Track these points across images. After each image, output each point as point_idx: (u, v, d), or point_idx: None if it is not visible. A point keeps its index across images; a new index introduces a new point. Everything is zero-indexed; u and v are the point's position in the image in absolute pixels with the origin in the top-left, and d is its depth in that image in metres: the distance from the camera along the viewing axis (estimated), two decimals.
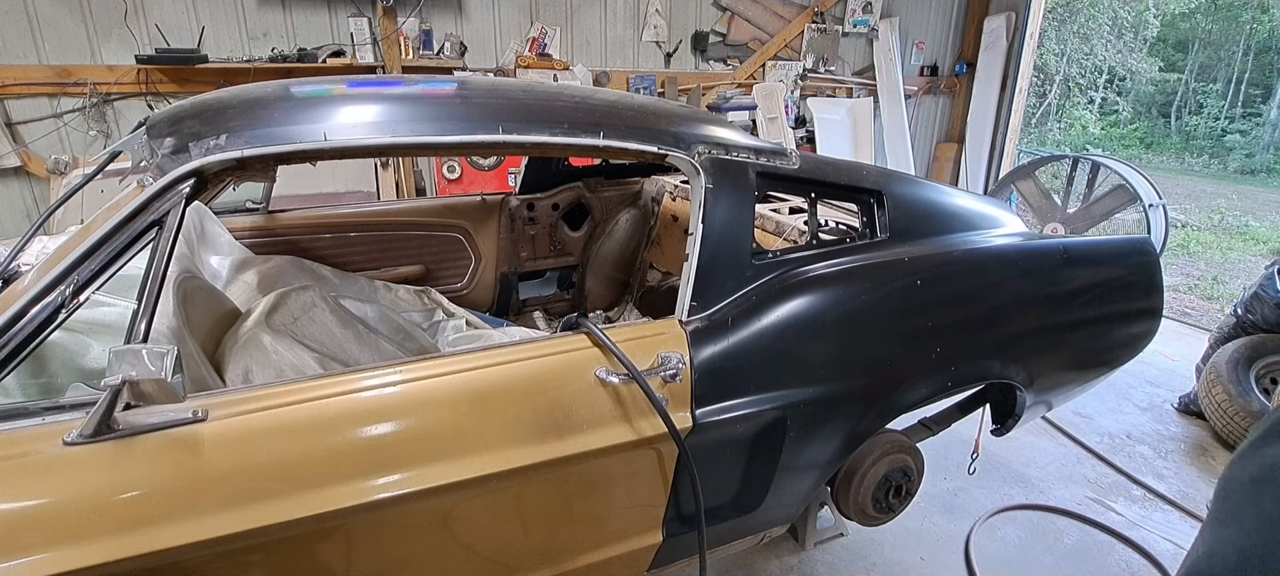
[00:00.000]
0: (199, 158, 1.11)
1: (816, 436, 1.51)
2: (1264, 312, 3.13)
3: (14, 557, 0.92)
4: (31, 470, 0.96)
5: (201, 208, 2.03)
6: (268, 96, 1.27)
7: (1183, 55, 17.45)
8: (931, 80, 6.30)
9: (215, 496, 1.02)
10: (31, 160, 3.61)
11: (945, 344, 1.61)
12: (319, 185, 3.88)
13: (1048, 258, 1.81)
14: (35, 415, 1.01)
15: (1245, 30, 16.31)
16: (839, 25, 5.68)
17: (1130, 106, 17.23)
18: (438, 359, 1.25)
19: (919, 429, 2.08)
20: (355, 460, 1.11)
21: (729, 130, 1.57)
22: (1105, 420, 3.18)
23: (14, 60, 3.49)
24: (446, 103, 1.36)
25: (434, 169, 4.39)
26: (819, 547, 2.25)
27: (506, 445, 1.20)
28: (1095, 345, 1.93)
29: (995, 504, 2.50)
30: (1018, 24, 5.95)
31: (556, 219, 2.71)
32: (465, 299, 2.56)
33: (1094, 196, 4.69)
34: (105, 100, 3.71)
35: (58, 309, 1.01)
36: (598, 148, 1.38)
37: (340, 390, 1.15)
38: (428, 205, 2.56)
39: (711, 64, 5.35)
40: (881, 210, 1.71)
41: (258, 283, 1.95)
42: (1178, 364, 3.79)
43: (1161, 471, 2.80)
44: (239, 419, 1.07)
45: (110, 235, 1.05)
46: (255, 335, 1.52)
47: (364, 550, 1.19)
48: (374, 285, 2.29)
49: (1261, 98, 15.83)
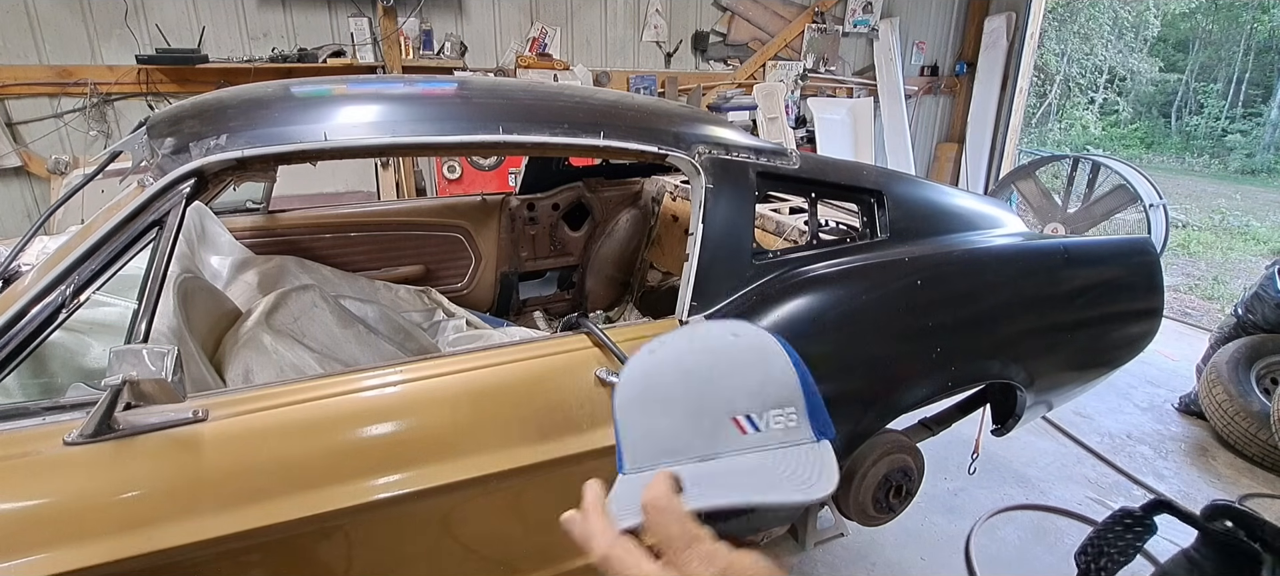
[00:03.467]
0: (199, 158, 1.11)
1: None
2: (1264, 313, 3.13)
3: (14, 557, 0.92)
4: (32, 470, 0.96)
5: (201, 208, 2.03)
6: (268, 96, 1.27)
7: (1183, 55, 17.44)
8: (932, 80, 6.30)
9: (215, 496, 1.02)
10: (32, 160, 3.61)
11: (945, 344, 1.60)
12: (319, 185, 3.88)
13: (1048, 257, 1.81)
14: (35, 415, 1.01)
15: (1245, 30, 16.29)
16: (839, 25, 5.68)
17: (1130, 106, 17.22)
18: (438, 359, 1.25)
19: (919, 429, 2.08)
20: (355, 460, 1.11)
21: (729, 130, 1.57)
22: (1105, 420, 3.18)
23: (14, 60, 3.49)
24: (446, 103, 1.36)
25: (434, 169, 4.39)
26: (819, 547, 2.25)
27: (506, 445, 1.20)
28: (1096, 345, 1.93)
29: (995, 504, 2.50)
30: (1018, 24, 5.94)
31: (557, 219, 2.71)
32: (465, 299, 2.56)
33: (1094, 196, 4.68)
34: (105, 100, 3.71)
35: (58, 309, 1.01)
36: (598, 148, 1.38)
37: (340, 390, 1.15)
38: (428, 205, 2.56)
39: (712, 64, 5.35)
40: (882, 210, 1.71)
41: (258, 282, 1.95)
42: (1178, 364, 3.79)
43: (1162, 471, 2.80)
44: (239, 419, 1.07)
45: (110, 235, 1.05)
46: (256, 335, 1.52)
47: (364, 550, 1.19)
48: (374, 285, 2.29)
49: (1262, 98, 15.82)
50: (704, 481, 0.52)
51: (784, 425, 0.55)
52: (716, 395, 0.56)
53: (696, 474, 0.53)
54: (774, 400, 0.56)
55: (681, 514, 0.47)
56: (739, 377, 0.56)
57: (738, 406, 0.55)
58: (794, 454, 0.54)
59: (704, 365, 0.57)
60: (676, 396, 0.56)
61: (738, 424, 0.55)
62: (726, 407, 0.55)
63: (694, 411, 0.56)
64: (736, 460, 0.54)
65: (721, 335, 0.60)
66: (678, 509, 0.48)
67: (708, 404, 0.56)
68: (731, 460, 0.54)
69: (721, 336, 0.59)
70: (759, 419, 0.55)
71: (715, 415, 0.55)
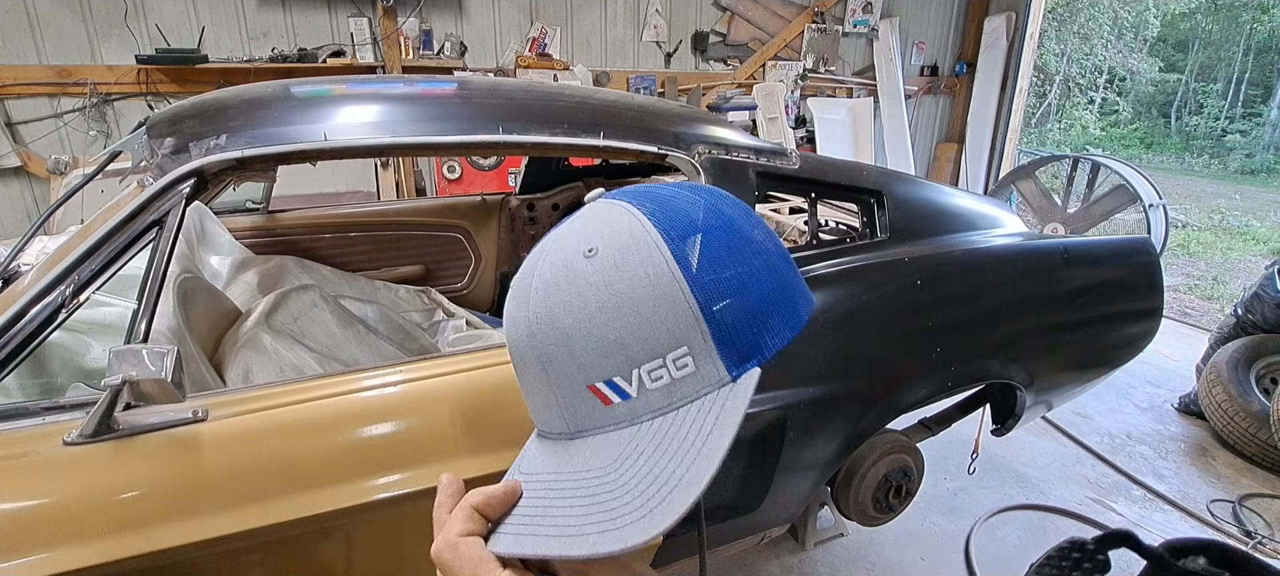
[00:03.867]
0: (199, 158, 1.11)
1: (816, 436, 1.51)
2: (1264, 313, 3.13)
3: (14, 557, 0.92)
4: (31, 470, 0.96)
5: (201, 208, 2.03)
6: (268, 96, 1.27)
7: (1183, 55, 17.45)
8: (931, 80, 6.30)
9: (215, 496, 1.02)
10: (31, 160, 3.61)
11: (945, 344, 1.60)
12: (319, 185, 3.88)
13: (1048, 257, 1.81)
14: (35, 415, 1.01)
15: (1245, 30, 16.30)
16: (839, 25, 5.68)
17: (1130, 106, 17.23)
18: (438, 359, 1.25)
19: (919, 429, 2.08)
20: (355, 460, 1.11)
21: (729, 130, 1.57)
22: (1105, 420, 3.18)
23: (14, 60, 3.49)
24: (446, 103, 1.36)
25: (434, 169, 4.39)
26: (819, 547, 2.25)
27: (507, 445, 1.20)
28: (1095, 345, 1.93)
29: (995, 504, 2.50)
30: (1018, 24, 5.95)
31: (556, 219, 2.71)
32: (465, 299, 2.56)
33: (1094, 196, 4.68)
34: (105, 100, 3.71)
35: (58, 309, 1.01)
36: (598, 148, 1.38)
37: (340, 390, 1.15)
38: (428, 205, 2.56)
39: (711, 64, 5.35)
40: (881, 210, 1.71)
41: (258, 282, 1.95)
42: (1178, 364, 3.79)
43: (1161, 471, 2.80)
44: (239, 419, 1.07)
45: (110, 235, 1.05)
46: (255, 335, 1.52)
47: (364, 550, 1.19)
48: (374, 285, 2.29)
49: (1261, 98, 15.82)
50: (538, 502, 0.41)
51: (668, 378, 0.40)
52: (567, 357, 0.41)
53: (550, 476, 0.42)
54: (648, 347, 0.39)
55: (474, 562, 0.39)
56: (597, 326, 0.40)
57: (593, 370, 0.40)
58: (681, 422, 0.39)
59: (550, 318, 0.41)
60: (529, 360, 0.43)
61: (598, 394, 0.41)
62: (578, 373, 0.41)
63: (544, 379, 0.42)
64: (598, 446, 0.41)
65: (569, 259, 0.42)
66: (468, 558, 0.39)
67: (557, 371, 0.41)
68: (591, 447, 0.41)
69: (569, 262, 0.42)
70: (627, 381, 0.40)
71: (568, 385, 0.41)
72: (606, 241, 0.41)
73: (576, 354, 0.40)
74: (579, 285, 0.40)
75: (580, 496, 0.39)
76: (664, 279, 0.39)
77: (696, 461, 0.37)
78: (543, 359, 0.42)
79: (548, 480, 0.42)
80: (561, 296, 0.41)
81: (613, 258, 0.40)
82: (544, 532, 0.38)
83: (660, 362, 0.40)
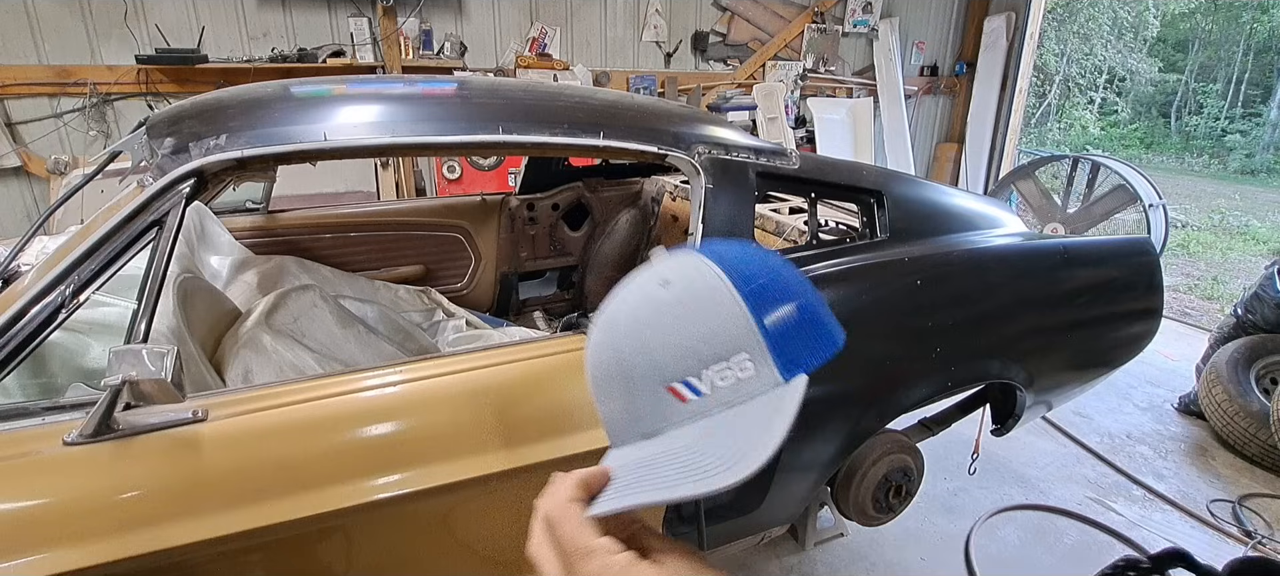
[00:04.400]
0: (199, 158, 1.11)
1: (816, 436, 1.51)
2: (1264, 313, 3.13)
3: (14, 557, 0.92)
4: (31, 470, 0.96)
5: (201, 208, 2.03)
6: (268, 96, 1.27)
7: (1183, 55, 17.45)
8: (931, 80, 6.30)
9: (215, 496, 1.02)
10: (31, 160, 3.61)
11: (945, 344, 1.61)
12: (319, 185, 3.88)
13: (1048, 258, 1.81)
14: (35, 415, 1.01)
15: (1245, 30, 16.30)
16: (839, 25, 5.68)
17: (1130, 107, 17.23)
18: (438, 359, 1.25)
19: (919, 429, 2.08)
20: (355, 460, 1.11)
21: (729, 130, 1.57)
22: (1105, 420, 3.18)
23: (14, 60, 3.49)
24: (446, 103, 1.36)
25: (434, 169, 4.39)
26: (819, 547, 2.25)
27: (507, 445, 1.20)
28: (1095, 345, 1.93)
29: (995, 504, 2.50)
30: (1018, 24, 5.95)
31: (556, 219, 2.71)
32: (465, 299, 2.56)
33: (1094, 196, 4.68)
34: (105, 100, 3.71)
35: (58, 309, 1.01)
36: (598, 148, 1.38)
37: (340, 390, 1.15)
38: (428, 205, 2.56)
39: (711, 64, 5.35)
40: (881, 210, 1.71)
41: (258, 282, 1.95)
42: (1178, 364, 3.79)
43: (1161, 471, 2.80)
44: (239, 419, 1.07)
45: (110, 235, 1.05)
46: (255, 335, 1.52)
47: (364, 550, 1.19)
48: (374, 285, 2.29)
49: (1261, 98, 15.83)
50: (629, 475, 0.48)
51: (733, 378, 0.49)
52: (648, 365, 0.50)
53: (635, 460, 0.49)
54: (716, 351, 0.49)
55: (576, 524, 0.45)
56: (673, 336, 0.49)
57: (670, 372, 0.49)
58: (746, 413, 0.48)
59: (633, 333, 0.51)
60: (614, 375, 0.52)
61: (675, 393, 0.49)
62: (657, 376, 0.49)
63: (626, 389, 0.51)
64: (676, 436, 0.49)
65: (648, 290, 0.52)
66: (571, 519, 0.45)
67: (638, 378, 0.50)
68: (670, 438, 0.49)
69: (648, 292, 0.52)
70: (699, 380, 0.49)
71: (649, 389, 0.50)
72: (677, 275, 0.52)
73: (656, 360, 0.49)
74: (658, 307, 0.51)
75: (668, 462, 0.47)
76: (726, 299, 0.50)
77: (764, 436, 0.45)
78: (626, 370, 0.51)
79: (633, 464, 0.49)
80: (643, 317, 0.51)
81: (683, 284, 0.51)
82: (641, 489, 0.46)
83: (726, 364, 0.49)
